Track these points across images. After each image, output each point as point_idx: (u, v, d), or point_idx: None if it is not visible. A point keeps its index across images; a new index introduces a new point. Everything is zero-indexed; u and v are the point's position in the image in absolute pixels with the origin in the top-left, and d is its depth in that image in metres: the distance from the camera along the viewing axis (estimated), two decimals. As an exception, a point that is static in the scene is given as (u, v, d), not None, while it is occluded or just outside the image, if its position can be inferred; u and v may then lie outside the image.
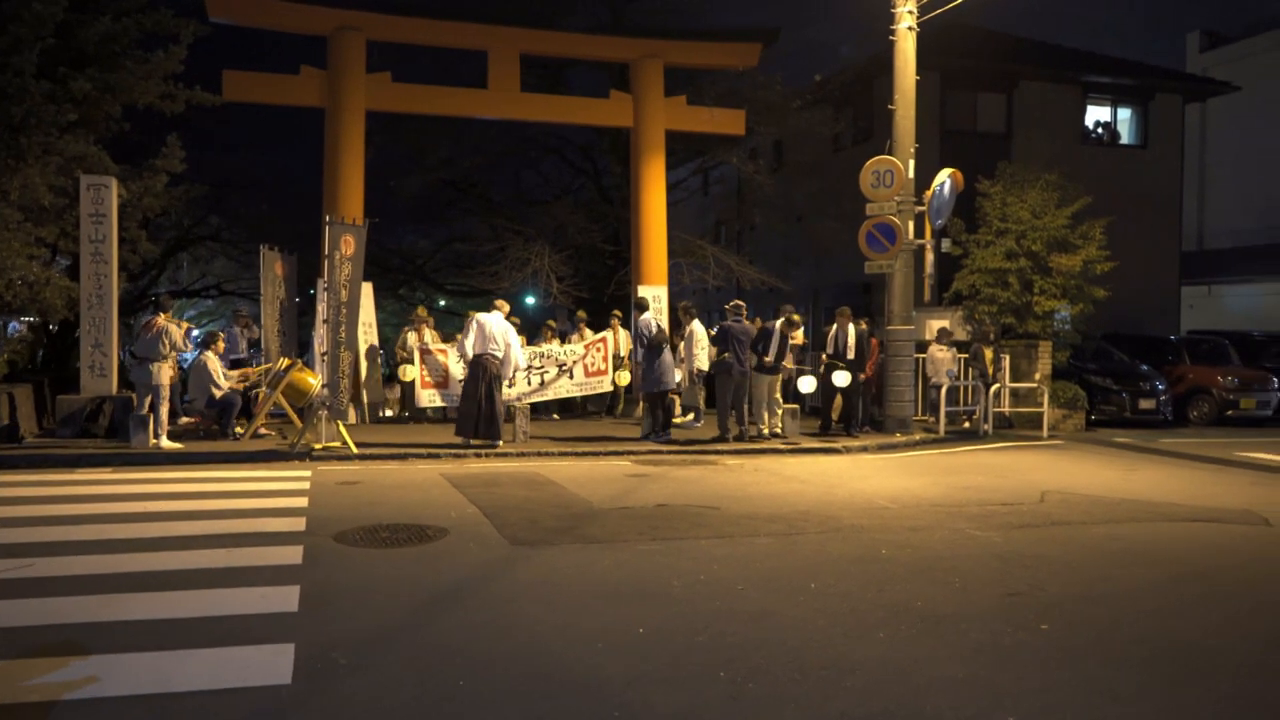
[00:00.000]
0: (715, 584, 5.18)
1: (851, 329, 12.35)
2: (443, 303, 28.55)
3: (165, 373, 10.26)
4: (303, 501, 7.39)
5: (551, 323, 14.83)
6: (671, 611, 4.68)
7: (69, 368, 13.29)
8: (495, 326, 10.72)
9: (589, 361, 13.29)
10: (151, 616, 4.49)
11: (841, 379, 12.07)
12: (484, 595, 4.97)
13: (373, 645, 4.15)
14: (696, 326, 12.86)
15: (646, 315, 11.85)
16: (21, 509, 7.03)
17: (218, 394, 11.03)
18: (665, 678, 3.83)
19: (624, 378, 13.62)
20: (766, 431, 12.04)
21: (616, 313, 14.64)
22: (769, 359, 11.71)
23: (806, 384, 12.35)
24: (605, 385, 13.63)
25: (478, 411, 10.60)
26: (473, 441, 10.62)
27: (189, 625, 4.37)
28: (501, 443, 10.80)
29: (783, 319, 12.02)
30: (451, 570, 5.43)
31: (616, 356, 13.70)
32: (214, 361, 11.08)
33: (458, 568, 5.50)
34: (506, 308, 11.23)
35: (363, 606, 4.71)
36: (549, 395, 13.22)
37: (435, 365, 12.48)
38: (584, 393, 13.82)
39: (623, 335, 13.99)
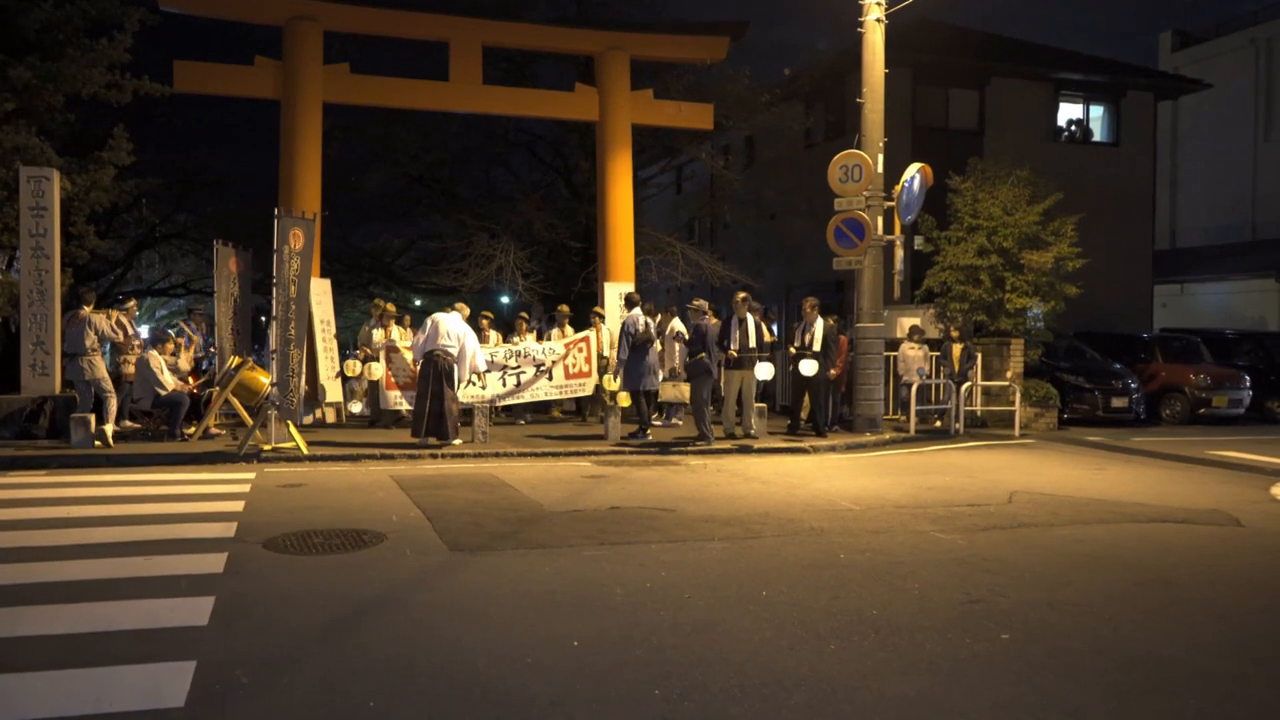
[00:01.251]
0: (660, 592, 4.89)
1: (819, 322, 12.10)
2: (418, 302, 28.15)
3: (99, 366, 9.89)
4: (238, 505, 7.05)
5: (525, 314, 14.47)
6: (610, 623, 4.39)
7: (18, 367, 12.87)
8: (452, 327, 10.43)
9: (570, 362, 12.65)
10: (49, 632, 4.16)
11: (808, 367, 11.80)
12: (411, 606, 4.66)
13: (282, 662, 3.84)
14: (677, 324, 12.59)
15: (635, 312, 11.44)
16: (-62, 515, 6.66)
17: (162, 392, 10.67)
18: (594, 696, 3.54)
19: (611, 382, 12.62)
20: (739, 433, 11.74)
21: (598, 309, 13.74)
22: (733, 350, 11.44)
23: (764, 370, 12.04)
24: (588, 388, 12.94)
25: (426, 410, 10.29)
26: (430, 441, 10.33)
27: (87, 641, 4.05)
28: (459, 442, 10.49)
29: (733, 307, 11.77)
30: (382, 579, 5.11)
31: (601, 357, 13.00)
32: (157, 360, 10.70)
33: (389, 576, 5.18)
34: (466, 310, 10.92)
35: (279, 619, 4.40)
36: (526, 398, 12.65)
37: (402, 365, 12.07)
38: (564, 395, 13.18)
39: (605, 334, 13.28)
